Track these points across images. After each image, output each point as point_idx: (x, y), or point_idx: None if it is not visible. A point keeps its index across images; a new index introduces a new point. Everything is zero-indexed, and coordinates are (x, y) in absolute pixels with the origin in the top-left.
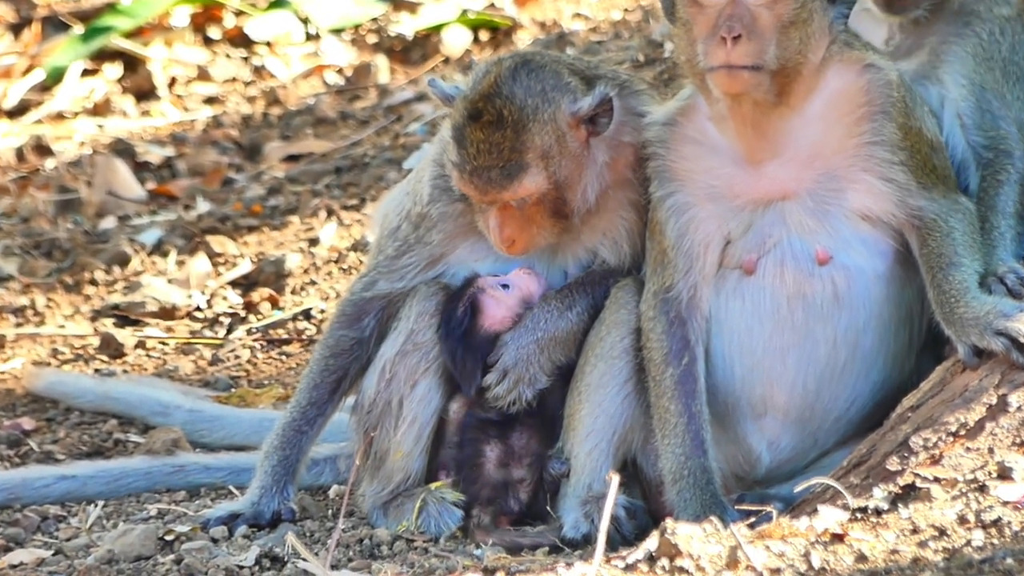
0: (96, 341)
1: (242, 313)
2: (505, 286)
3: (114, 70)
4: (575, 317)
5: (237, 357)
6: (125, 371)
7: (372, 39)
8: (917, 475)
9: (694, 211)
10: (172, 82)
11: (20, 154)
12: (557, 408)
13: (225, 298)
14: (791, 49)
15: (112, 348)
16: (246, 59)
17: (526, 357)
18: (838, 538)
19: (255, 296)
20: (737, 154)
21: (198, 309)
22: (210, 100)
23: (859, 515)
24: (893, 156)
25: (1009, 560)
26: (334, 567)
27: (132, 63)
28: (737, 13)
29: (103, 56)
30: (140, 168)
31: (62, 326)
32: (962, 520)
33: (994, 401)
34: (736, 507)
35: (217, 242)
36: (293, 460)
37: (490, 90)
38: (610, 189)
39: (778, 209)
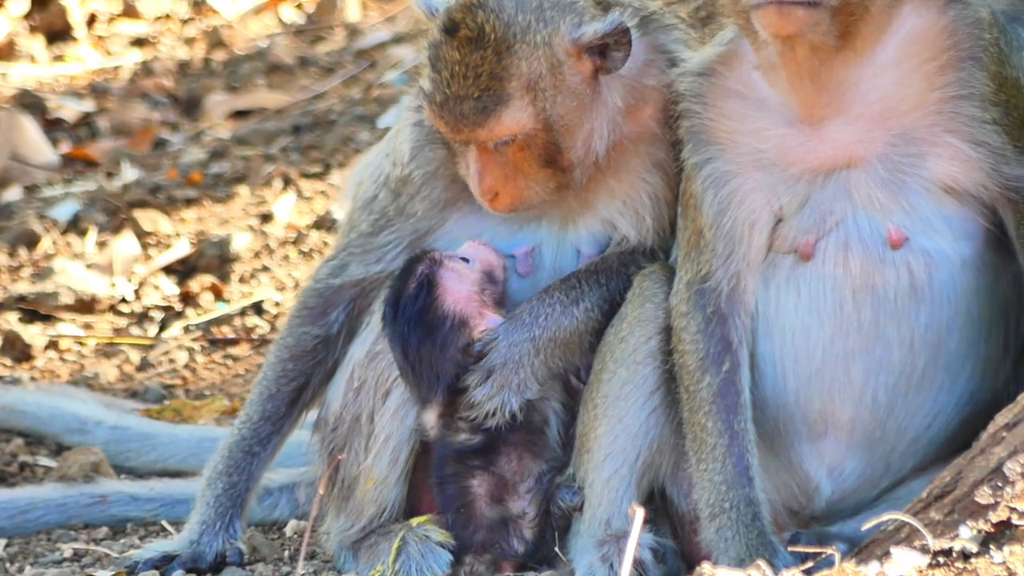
0: None
1: (178, 307)
2: (465, 259)
3: (19, 5)
4: (581, 315)
5: (172, 361)
6: (33, 378)
7: None
8: (1013, 509)
9: (737, 181)
10: (91, 19)
11: None
12: (545, 413)
13: (157, 287)
14: None
15: (17, 349)
16: None
17: (517, 358)
18: None
19: (194, 285)
20: (791, 111)
21: (124, 301)
22: (138, 42)
23: (942, 559)
24: (984, 113)
25: None
26: None
27: None
28: None
29: None
30: (52, 126)
31: None
32: None
33: None
34: (789, 549)
35: (147, 218)
36: (242, 489)
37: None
38: (628, 143)
39: (842, 179)
